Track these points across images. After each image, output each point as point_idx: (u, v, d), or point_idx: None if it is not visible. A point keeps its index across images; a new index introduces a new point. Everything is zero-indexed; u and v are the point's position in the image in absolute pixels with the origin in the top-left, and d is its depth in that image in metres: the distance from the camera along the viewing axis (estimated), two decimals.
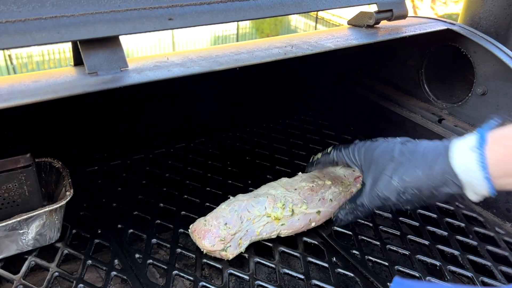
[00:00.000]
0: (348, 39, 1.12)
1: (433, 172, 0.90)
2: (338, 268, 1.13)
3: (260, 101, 1.83)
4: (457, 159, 0.87)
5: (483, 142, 0.84)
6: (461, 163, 0.86)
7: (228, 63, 0.91)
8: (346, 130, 1.80)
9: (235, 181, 1.46)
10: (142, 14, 0.85)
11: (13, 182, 1.04)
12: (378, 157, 1.00)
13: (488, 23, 1.36)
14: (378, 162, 1.00)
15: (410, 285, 0.89)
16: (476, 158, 0.84)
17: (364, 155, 1.05)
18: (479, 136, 0.85)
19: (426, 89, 1.54)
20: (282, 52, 0.99)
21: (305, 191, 1.23)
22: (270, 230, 1.17)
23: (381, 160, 0.99)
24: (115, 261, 1.11)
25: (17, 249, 1.08)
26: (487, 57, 1.30)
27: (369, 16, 1.21)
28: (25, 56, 10.09)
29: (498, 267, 1.15)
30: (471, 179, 0.85)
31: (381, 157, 1.00)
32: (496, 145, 0.83)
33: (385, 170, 0.97)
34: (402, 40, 1.23)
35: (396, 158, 0.97)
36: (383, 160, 0.99)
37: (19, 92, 0.72)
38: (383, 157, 0.99)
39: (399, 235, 1.25)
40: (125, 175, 1.46)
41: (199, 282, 1.06)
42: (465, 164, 0.86)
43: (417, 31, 1.24)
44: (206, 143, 1.68)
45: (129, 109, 1.53)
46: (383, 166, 0.98)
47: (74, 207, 1.24)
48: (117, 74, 0.82)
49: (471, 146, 0.85)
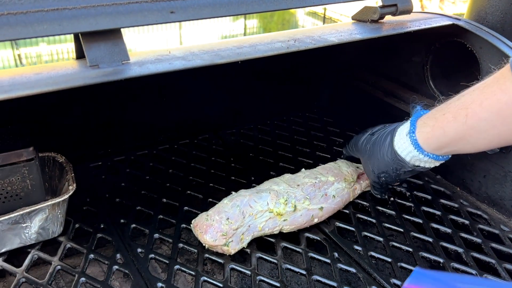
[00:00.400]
0: (352, 34, 1.11)
1: (387, 160, 1.13)
2: (341, 264, 1.13)
3: (265, 97, 1.82)
4: (398, 145, 1.10)
5: (413, 127, 1.06)
6: (402, 149, 1.09)
7: (230, 57, 0.90)
8: (351, 127, 1.79)
9: (239, 177, 1.45)
10: (144, 7, 0.85)
11: (15, 176, 1.04)
12: (359, 150, 1.26)
13: (495, 18, 1.35)
14: (360, 154, 1.26)
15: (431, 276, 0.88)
16: (410, 142, 1.06)
17: (353, 147, 1.31)
18: (410, 122, 1.08)
19: (431, 85, 1.52)
20: (285, 46, 0.99)
21: (308, 187, 1.23)
22: (273, 225, 1.16)
23: (361, 152, 1.25)
24: (117, 255, 1.12)
25: (20, 243, 1.09)
26: (493, 52, 1.28)
27: (373, 10, 1.20)
28: (34, 56, 10.17)
29: (502, 265, 1.14)
30: (416, 158, 1.07)
31: (361, 149, 1.24)
32: (423, 126, 1.04)
33: (366, 161, 1.23)
34: (407, 36, 1.22)
35: (367, 150, 1.21)
36: (362, 153, 1.25)
37: (20, 84, 0.72)
38: (361, 150, 1.24)
39: (402, 231, 1.24)
40: (129, 171, 1.46)
41: (201, 277, 1.06)
42: (406, 149, 1.08)
43: (422, 26, 1.23)
44: (210, 140, 1.67)
45: (134, 105, 1.53)
46: (363, 158, 1.24)
47: (78, 201, 1.25)
48: (118, 67, 0.82)
49: (406, 132, 1.08)
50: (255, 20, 13.13)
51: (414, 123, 1.07)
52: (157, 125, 1.63)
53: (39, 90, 0.71)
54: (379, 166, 1.16)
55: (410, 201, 1.36)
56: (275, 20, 13.49)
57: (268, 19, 13.44)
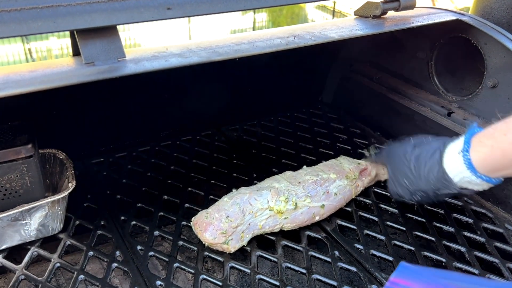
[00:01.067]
0: (353, 30, 1.09)
1: (431, 178, 1.02)
2: (341, 263, 1.12)
3: (268, 93, 1.81)
4: (448, 163, 0.99)
5: (468, 145, 0.95)
6: (452, 168, 0.98)
7: (228, 54, 0.89)
8: (355, 124, 1.78)
9: (240, 174, 1.45)
10: (140, 3, 0.84)
11: (14, 173, 1.04)
12: (395, 161, 1.13)
13: (500, 14, 1.32)
14: (394, 165, 1.13)
15: (415, 271, 0.90)
16: (463, 161, 0.95)
17: (386, 155, 1.20)
18: (464, 140, 0.97)
19: (435, 81, 1.50)
20: (284, 42, 0.97)
21: (309, 184, 1.21)
22: (273, 223, 1.15)
23: (396, 163, 1.12)
24: (117, 252, 1.11)
25: (20, 240, 1.09)
26: (498, 48, 1.26)
27: (375, 6, 1.18)
28: (44, 50, 10.22)
29: (506, 265, 1.12)
30: (466, 180, 0.97)
31: (396, 161, 1.12)
32: (479, 145, 0.94)
33: (399, 174, 1.10)
34: (410, 32, 1.20)
35: (406, 164, 1.08)
36: (396, 164, 1.12)
37: (14, 82, 0.72)
38: (397, 161, 1.12)
39: (405, 230, 1.23)
40: (130, 167, 1.46)
41: (200, 275, 1.06)
42: (456, 168, 0.97)
43: (425, 21, 1.21)
44: (213, 136, 1.67)
45: (136, 100, 1.52)
46: (398, 169, 1.11)
47: (78, 198, 1.25)
48: (114, 64, 0.81)
49: (458, 150, 0.97)
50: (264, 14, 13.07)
51: (469, 141, 0.96)
52: (160, 121, 1.63)
53: (32, 88, 0.71)
54: (418, 184, 1.05)
55: None
56: (284, 14, 13.42)
57: (277, 13, 13.37)
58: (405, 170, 1.07)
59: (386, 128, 1.69)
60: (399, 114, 1.61)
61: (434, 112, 1.48)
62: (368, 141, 1.65)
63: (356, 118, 1.81)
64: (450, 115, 1.44)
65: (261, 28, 12.51)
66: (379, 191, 1.37)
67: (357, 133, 1.72)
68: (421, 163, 1.04)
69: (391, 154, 1.16)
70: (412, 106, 1.56)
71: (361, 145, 1.64)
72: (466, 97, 1.42)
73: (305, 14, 13.55)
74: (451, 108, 1.45)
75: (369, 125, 1.75)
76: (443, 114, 1.46)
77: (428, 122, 1.51)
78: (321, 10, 12.93)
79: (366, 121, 1.77)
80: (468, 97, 1.41)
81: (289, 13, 13.52)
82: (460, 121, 1.40)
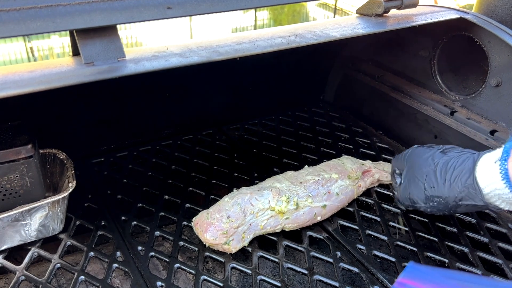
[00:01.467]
0: (355, 29, 1.08)
1: (457, 185, 0.96)
2: (343, 264, 1.11)
3: (269, 92, 1.80)
4: (481, 172, 0.92)
5: (507, 154, 0.88)
6: (485, 177, 0.91)
7: (229, 53, 0.89)
8: (357, 123, 1.77)
9: (242, 173, 1.44)
10: (140, 3, 0.83)
11: (14, 173, 1.03)
12: (418, 162, 1.07)
13: (504, 12, 1.31)
14: (416, 167, 1.07)
15: (424, 271, 0.88)
16: (499, 170, 0.88)
17: (409, 157, 1.12)
18: (504, 149, 0.89)
19: (438, 80, 1.49)
20: (285, 41, 0.96)
21: (310, 184, 1.21)
22: (274, 224, 1.15)
23: (419, 164, 1.06)
24: (117, 253, 1.11)
25: (20, 240, 1.08)
26: (502, 47, 1.25)
27: (377, 4, 1.17)
28: (46, 49, 10.21)
29: (510, 265, 1.11)
30: (497, 193, 0.90)
31: (420, 162, 1.06)
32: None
33: (420, 175, 1.04)
34: (413, 30, 1.19)
35: (431, 166, 1.02)
36: (420, 165, 1.06)
37: (12, 82, 0.71)
38: (421, 162, 1.06)
39: (407, 230, 1.22)
40: (131, 167, 1.45)
41: (201, 276, 1.05)
42: (489, 178, 0.90)
43: (428, 20, 1.19)
44: (214, 135, 1.66)
45: (137, 100, 1.52)
46: (419, 172, 1.05)
47: (79, 198, 1.24)
48: (113, 64, 0.80)
49: (495, 159, 0.90)
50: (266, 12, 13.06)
51: (509, 150, 0.88)
52: (161, 120, 1.62)
53: (31, 88, 0.70)
54: (440, 189, 0.99)
55: None
56: (285, 12, 13.40)
57: (278, 11, 13.35)
58: (429, 172, 1.02)
59: (388, 127, 1.68)
60: (402, 113, 1.60)
61: (437, 111, 1.47)
62: (370, 140, 1.64)
63: (358, 117, 1.80)
64: (453, 114, 1.43)
65: (262, 26, 12.48)
66: (381, 191, 1.36)
67: (359, 132, 1.71)
68: (450, 168, 0.98)
69: (415, 155, 1.10)
70: (414, 105, 1.55)
71: (363, 144, 1.63)
72: (469, 96, 1.41)
73: (306, 12, 13.52)
74: (454, 107, 1.44)
75: (371, 124, 1.74)
76: (446, 113, 1.45)
77: (430, 121, 1.50)
78: (323, 8, 12.90)
79: (368, 120, 1.76)
80: (471, 96, 1.40)
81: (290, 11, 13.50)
82: (463, 120, 1.39)
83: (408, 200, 1.09)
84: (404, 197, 1.11)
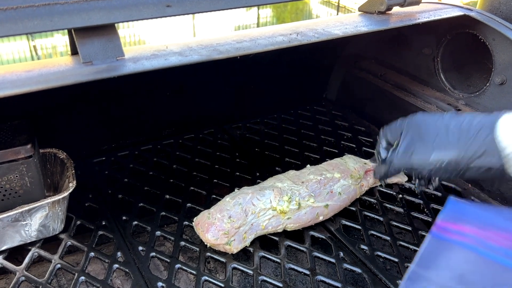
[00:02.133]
0: (358, 26, 1.07)
1: (475, 143, 0.86)
2: (346, 264, 1.10)
3: (271, 90, 1.79)
4: (503, 128, 0.83)
5: None
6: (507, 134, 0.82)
7: (229, 52, 0.87)
8: (359, 121, 1.75)
9: (243, 173, 1.43)
10: (139, 1, 0.82)
11: (14, 173, 1.03)
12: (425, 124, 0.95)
13: (509, 9, 1.29)
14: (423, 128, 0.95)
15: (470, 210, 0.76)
16: None
17: (411, 121, 0.99)
18: None
19: (442, 78, 1.48)
20: (287, 40, 0.95)
21: (312, 184, 1.20)
22: (276, 224, 1.14)
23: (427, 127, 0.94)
24: (118, 253, 1.10)
25: (21, 240, 1.08)
26: (506, 44, 1.23)
27: (380, 2, 1.16)
28: (49, 47, 10.22)
29: None
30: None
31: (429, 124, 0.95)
32: None
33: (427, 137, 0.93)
34: (416, 27, 1.18)
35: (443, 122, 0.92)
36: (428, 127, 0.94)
37: (9, 82, 0.70)
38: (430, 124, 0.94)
39: (410, 230, 1.21)
40: (132, 166, 1.45)
41: (202, 276, 1.04)
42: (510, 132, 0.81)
43: (431, 17, 1.18)
44: (215, 134, 1.65)
45: (138, 99, 1.51)
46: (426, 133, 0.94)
47: (80, 198, 1.24)
48: (112, 63, 0.79)
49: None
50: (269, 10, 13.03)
51: None
52: (162, 119, 1.61)
53: (28, 88, 0.69)
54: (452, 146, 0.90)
55: (419, 198, 1.32)
56: (288, 9, 13.37)
57: (281, 9, 13.32)
58: (440, 132, 0.92)
59: None
60: (405, 111, 1.57)
61: (440, 109, 1.46)
62: (373, 138, 1.63)
63: (361, 115, 1.78)
64: None
65: (265, 24, 12.44)
66: (384, 190, 1.35)
67: (362, 130, 1.70)
68: (465, 126, 0.89)
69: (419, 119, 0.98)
70: (417, 103, 1.53)
71: (366, 143, 1.61)
72: (473, 94, 1.40)
73: (309, 10, 13.48)
74: (457, 105, 1.43)
75: (374, 122, 1.73)
76: None
77: None
78: (326, 5, 12.86)
79: (371, 118, 1.75)
80: (475, 94, 1.39)
81: (293, 9, 13.46)
82: None
83: (409, 164, 0.96)
84: (403, 162, 0.97)
